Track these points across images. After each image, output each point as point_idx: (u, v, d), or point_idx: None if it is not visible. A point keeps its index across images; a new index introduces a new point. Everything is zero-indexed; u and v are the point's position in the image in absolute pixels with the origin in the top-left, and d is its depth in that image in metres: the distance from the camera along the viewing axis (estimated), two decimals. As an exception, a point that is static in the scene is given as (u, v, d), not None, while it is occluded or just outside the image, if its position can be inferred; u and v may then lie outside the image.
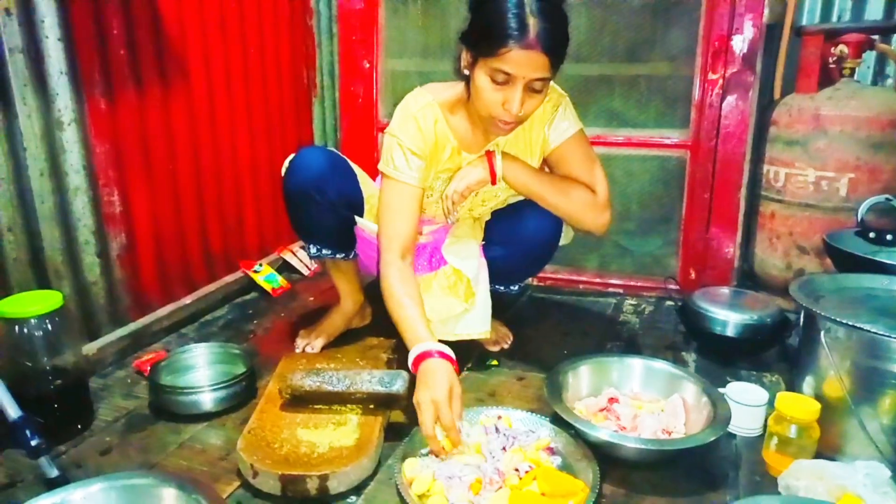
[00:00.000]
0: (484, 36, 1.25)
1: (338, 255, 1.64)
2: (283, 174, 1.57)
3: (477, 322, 1.55)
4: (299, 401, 1.34)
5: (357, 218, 1.59)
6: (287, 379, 1.35)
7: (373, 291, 1.76)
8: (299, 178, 1.53)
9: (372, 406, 1.33)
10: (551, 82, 1.38)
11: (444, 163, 1.50)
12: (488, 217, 1.67)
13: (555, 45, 1.23)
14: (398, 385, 1.31)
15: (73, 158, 1.55)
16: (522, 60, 1.22)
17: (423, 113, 1.44)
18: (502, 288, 1.68)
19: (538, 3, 1.21)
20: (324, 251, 1.63)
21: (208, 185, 2.03)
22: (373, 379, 1.33)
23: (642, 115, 2.11)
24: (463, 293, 1.54)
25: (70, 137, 1.53)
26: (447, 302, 1.53)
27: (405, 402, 1.32)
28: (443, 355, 1.25)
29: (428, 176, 1.49)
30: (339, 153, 1.63)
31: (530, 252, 1.61)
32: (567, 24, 1.27)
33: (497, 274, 1.61)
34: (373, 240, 1.59)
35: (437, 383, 1.19)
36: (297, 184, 1.53)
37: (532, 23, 1.20)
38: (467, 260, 1.56)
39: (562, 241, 1.62)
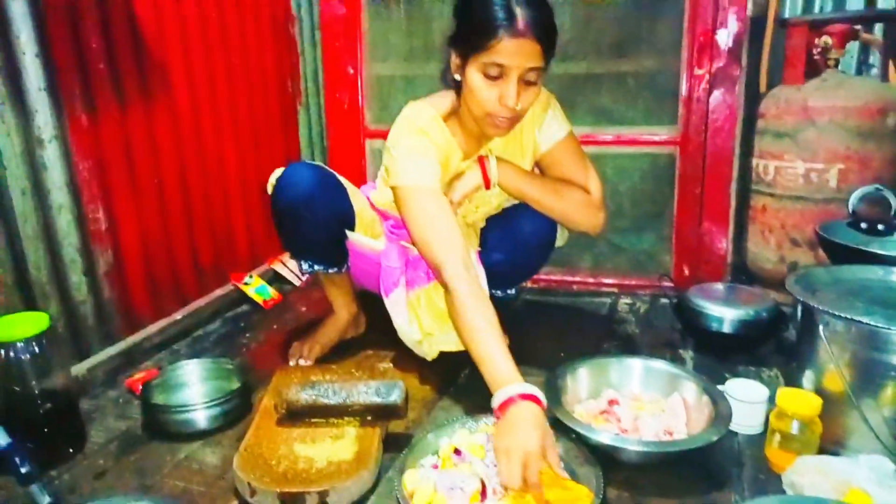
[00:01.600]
0: (473, 31, 1.26)
1: (330, 270, 1.63)
2: (270, 192, 1.55)
3: None
4: (295, 416, 1.32)
5: (349, 232, 1.57)
6: (282, 394, 1.33)
7: (367, 300, 1.75)
8: (288, 196, 1.50)
9: (370, 418, 1.31)
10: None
11: (450, 171, 1.48)
12: (483, 224, 1.65)
13: (545, 31, 1.24)
14: (395, 395, 1.29)
15: (55, 176, 1.51)
16: (514, 49, 1.23)
17: (430, 125, 1.42)
18: (500, 293, 1.66)
19: None
20: (316, 267, 1.61)
21: (196, 197, 2.00)
22: (369, 390, 1.31)
23: (630, 112, 2.10)
24: None
25: (51, 154, 1.50)
26: (446, 312, 1.50)
27: (404, 413, 1.30)
28: (528, 397, 1.11)
29: (443, 186, 1.44)
30: (327, 167, 1.60)
31: (527, 255, 1.61)
32: (553, 13, 1.29)
33: (494, 279, 1.58)
34: (365, 253, 1.58)
35: (526, 431, 1.06)
36: (285, 203, 1.51)
37: (519, 11, 1.22)
38: None
39: (557, 243, 1.61)
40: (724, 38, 1.93)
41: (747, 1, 1.89)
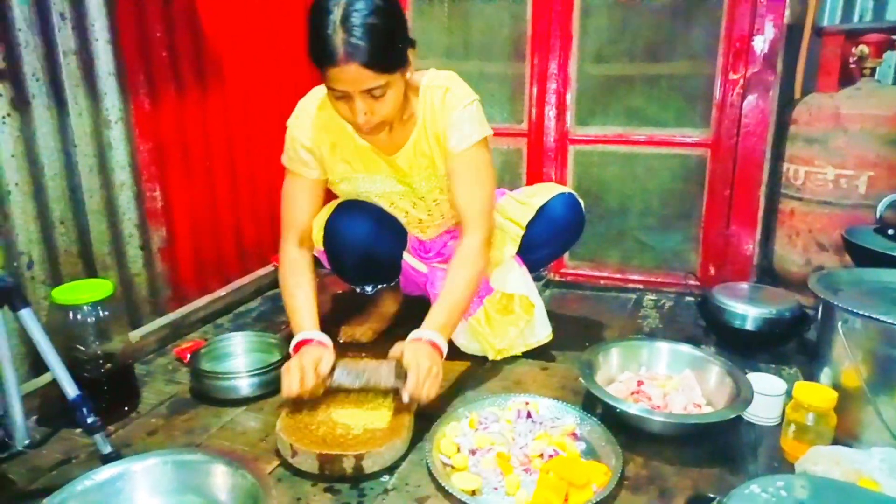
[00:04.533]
0: (311, 57, 1.24)
1: (391, 285, 1.77)
2: (322, 240, 1.58)
3: (539, 328, 1.66)
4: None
5: (406, 255, 1.69)
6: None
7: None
8: (347, 255, 1.59)
9: (391, 397, 1.35)
10: (456, 86, 1.43)
11: (353, 153, 1.51)
12: (445, 200, 1.60)
13: (370, 56, 1.18)
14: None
15: (119, 155, 1.63)
16: (343, 77, 1.21)
17: (315, 104, 1.47)
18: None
19: (346, 13, 1.17)
20: (378, 286, 1.75)
21: (242, 183, 2.10)
22: (390, 373, 1.32)
23: (663, 114, 2.15)
24: (520, 308, 1.63)
25: (117, 135, 1.61)
26: (507, 321, 1.63)
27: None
28: (320, 343, 1.38)
29: (334, 165, 1.52)
30: (378, 206, 1.61)
31: (563, 241, 1.73)
32: (389, 23, 1.22)
33: (527, 260, 1.70)
34: (413, 270, 1.71)
35: (306, 355, 1.31)
36: (343, 259, 1.61)
37: (340, 40, 1.17)
38: (511, 278, 1.62)
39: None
40: (760, 44, 1.97)
41: (784, 8, 1.92)
